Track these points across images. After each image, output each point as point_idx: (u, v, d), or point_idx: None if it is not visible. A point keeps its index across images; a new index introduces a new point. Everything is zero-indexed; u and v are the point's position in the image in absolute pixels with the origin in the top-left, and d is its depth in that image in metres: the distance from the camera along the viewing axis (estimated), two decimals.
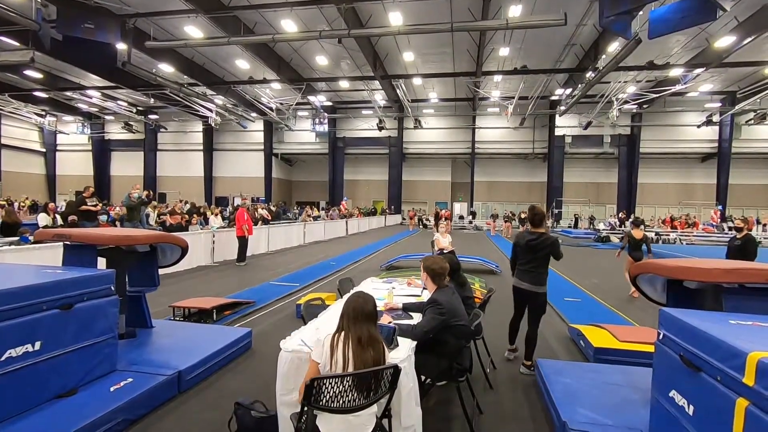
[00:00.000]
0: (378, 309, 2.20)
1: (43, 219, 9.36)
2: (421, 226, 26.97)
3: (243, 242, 10.05)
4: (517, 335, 4.13)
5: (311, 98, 26.37)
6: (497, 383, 3.60)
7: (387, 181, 31.77)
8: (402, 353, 2.25)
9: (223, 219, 13.38)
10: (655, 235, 19.51)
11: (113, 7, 15.10)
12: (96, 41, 15.05)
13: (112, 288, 3.14)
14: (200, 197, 28.96)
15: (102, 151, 33.48)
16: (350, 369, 1.85)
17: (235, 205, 11.07)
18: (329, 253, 12.44)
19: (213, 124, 27.35)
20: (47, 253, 5.75)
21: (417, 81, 23.77)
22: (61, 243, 3.75)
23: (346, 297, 3.68)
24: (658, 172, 29.03)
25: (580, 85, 20.45)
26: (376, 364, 1.88)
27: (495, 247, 14.83)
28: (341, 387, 1.77)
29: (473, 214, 29.49)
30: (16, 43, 16.36)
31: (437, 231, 8.78)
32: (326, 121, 29.48)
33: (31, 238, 7.14)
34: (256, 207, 15.84)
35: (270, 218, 15.89)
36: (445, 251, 8.38)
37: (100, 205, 9.70)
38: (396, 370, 1.89)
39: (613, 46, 16.46)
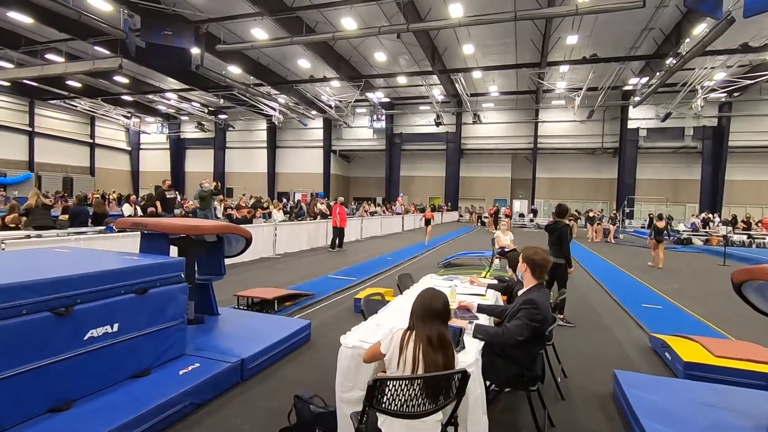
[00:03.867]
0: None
1: (127, 209, 10.25)
2: (478, 224, 26.26)
3: (339, 232, 11.78)
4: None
5: (369, 95, 26.58)
6: (569, 394, 3.31)
7: (444, 177, 31.29)
8: (470, 357, 2.09)
9: (285, 213, 13.85)
10: (748, 238, 17.42)
11: (188, 14, 16.13)
12: (173, 47, 16.20)
13: (183, 275, 3.27)
14: (263, 192, 30.32)
15: (178, 149, 36.16)
16: (420, 371, 1.72)
17: (335, 201, 12.05)
18: (386, 249, 12.43)
19: (276, 123, 28.59)
20: (129, 241, 6.22)
21: (477, 74, 23.09)
22: (139, 231, 3.99)
23: (406, 293, 3.59)
24: (750, 167, 25.90)
25: (658, 73, 18.72)
26: (447, 368, 1.73)
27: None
28: (409, 390, 1.64)
29: (534, 211, 28.21)
30: (107, 52, 18.01)
31: (494, 229, 8.43)
32: (383, 117, 29.60)
33: (115, 227, 7.77)
34: (315, 202, 16.23)
35: (329, 213, 16.21)
36: (506, 249, 8.01)
37: (178, 195, 10.50)
38: (465, 375, 1.74)
39: (700, 29, 14.84)
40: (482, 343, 2.32)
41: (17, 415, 2.21)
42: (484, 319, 2.73)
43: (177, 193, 12.81)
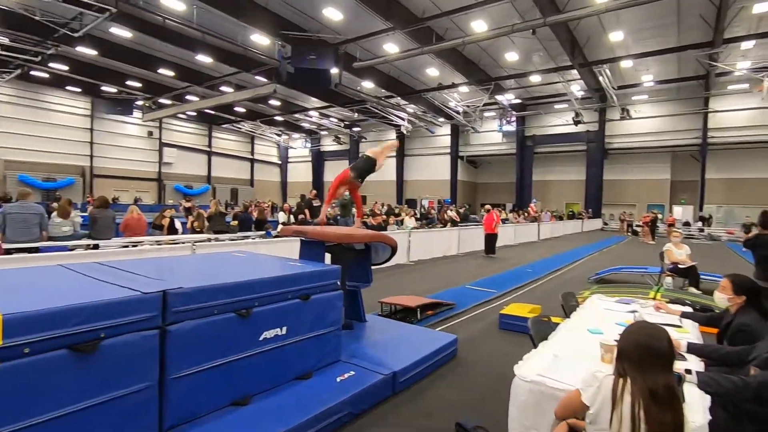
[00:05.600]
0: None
1: (282, 217, 11.52)
2: (629, 233, 22.98)
3: (492, 238, 12.10)
4: None
5: (499, 97, 25.53)
6: None
7: (584, 180, 28.28)
8: (697, 416, 1.62)
9: (416, 220, 14.00)
10: None
11: (329, 38, 17.59)
12: (317, 69, 17.89)
13: (338, 282, 3.38)
14: (392, 199, 31.41)
15: (318, 161, 39.87)
16: None
17: (486, 208, 12.32)
18: (523, 259, 11.61)
19: (405, 132, 29.44)
20: (286, 246, 6.86)
21: (626, 63, 20.32)
22: (298, 238, 4.30)
23: (574, 317, 3.14)
24: None
25: None
26: (677, 430, 1.33)
27: (752, 265, 11.21)
28: None
29: (704, 219, 23.50)
30: (264, 79, 20.74)
31: (650, 239, 7.10)
32: (514, 119, 28.11)
33: (273, 232, 8.75)
34: (445, 209, 16.09)
35: (458, 220, 15.91)
36: (681, 266, 6.69)
37: (321, 203, 11.45)
38: None
39: None
40: (707, 397, 1.80)
41: (208, 405, 2.46)
42: (694, 362, 2.17)
43: (320, 201, 13.97)
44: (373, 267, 4.53)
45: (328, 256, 4.21)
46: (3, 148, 24.65)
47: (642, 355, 1.42)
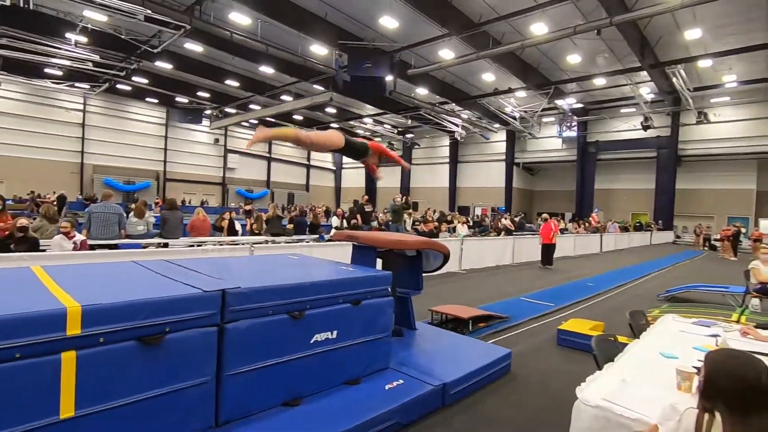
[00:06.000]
0: None
1: (335, 221, 11.76)
2: (706, 248, 20.98)
3: (549, 248, 11.58)
4: None
5: (559, 102, 24.48)
6: None
7: (653, 189, 26.28)
8: None
9: (469, 228, 13.71)
10: None
11: (385, 46, 17.82)
12: (372, 77, 18.18)
13: (389, 289, 3.35)
14: (445, 206, 31.05)
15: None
16: None
17: (543, 217, 11.99)
18: (584, 272, 10.96)
19: (459, 138, 29.07)
20: (339, 250, 6.97)
21: (705, 63, 18.68)
22: (350, 243, 4.34)
23: (645, 338, 2.87)
24: None
25: None
26: None
27: None
28: None
29: None
30: (321, 88, 21.43)
31: (732, 255, 6.38)
32: (575, 125, 26.82)
33: (326, 236, 8.95)
34: (499, 217, 15.63)
35: (513, 229, 15.38)
36: None
37: (373, 209, 11.63)
38: None
39: None
40: None
41: (261, 403, 2.53)
42: None
43: (372, 206, 14.12)
44: (424, 274, 4.47)
45: (379, 262, 4.21)
46: (92, 154, 27.59)
47: (738, 391, 1.20)
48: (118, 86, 25.00)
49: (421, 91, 23.15)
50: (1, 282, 2.33)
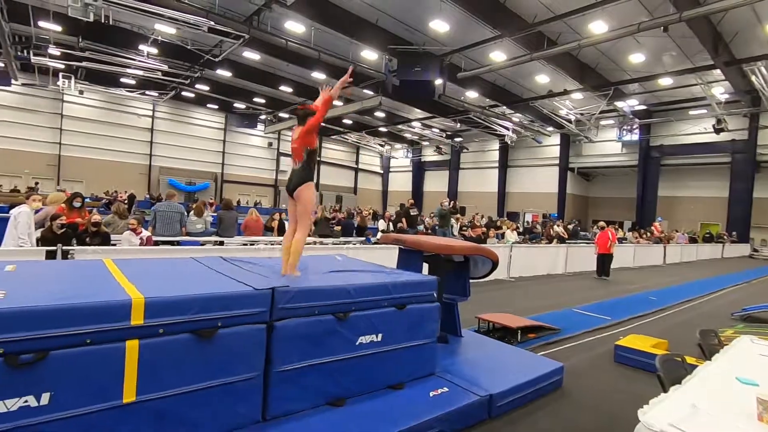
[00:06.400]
0: None
1: (381, 224, 11.82)
2: None
3: (606, 258, 10.95)
4: None
5: (619, 104, 23.14)
6: None
7: (726, 198, 24.09)
8: None
9: (519, 234, 13.27)
10: None
11: (435, 49, 17.73)
12: (421, 80, 18.15)
13: (435, 294, 3.30)
14: (493, 211, 30.31)
15: (418, 171, 40.33)
16: None
17: (600, 225, 11.48)
18: (644, 284, 10.24)
19: (509, 142, 28.28)
20: (384, 253, 6.99)
21: None
22: (397, 246, 4.33)
23: (718, 359, 2.62)
24: None
25: None
26: None
27: None
28: None
29: None
30: (371, 93, 21.71)
31: None
32: (637, 128, 25.22)
33: (372, 239, 9.01)
34: (552, 224, 15.00)
35: (566, 236, 14.69)
36: None
37: (419, 212, 11.58)
38: None
39: None
40: None
41: (306, 401, 2.57)
42: None
43: (417, 210, 14.05)
44: (471, 281, 4.36)
45: (425, 267, 4.16)
46: (159, 157, 29.81)
47: None
48: (183, 93, 26.78)
49: (471, 95, 22.78)
50: (78, 272, 2.54)
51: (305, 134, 3.12)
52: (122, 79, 22.78)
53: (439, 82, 19.36)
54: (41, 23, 15.86)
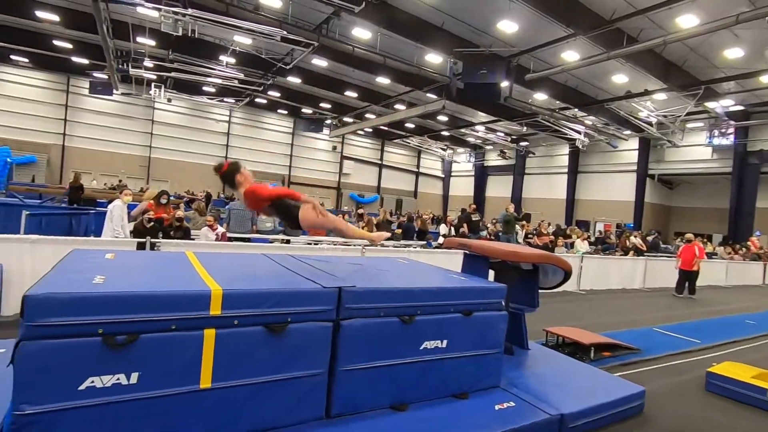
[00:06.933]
0: None
1: (443, 229, 11.67)
2: None
3: (691, 275, 9.95)
4: None
5: (710, 104, 20.91)
6: None
7: None
8: None
9: (590, 244, 12.44)
10: None
11: (502, 51, 17.24)
12: (486, 83, 17.73)
13: (503, 303, 3.16)
14: (560, 219, 28.76)
15: (481, 176, 39.39)
16: None
17: (686, 238, 10.48)
18: (739, 306, 9.12)
19: (580, 146, 26.68)
20: (444, 258, 6.88)
21: None
22: (460, 251, 4.22)
23: None
24: None
25: None
26: None
27: None
28: None
29: None
30: (434, 96, 21.61)
31: None
32: (732, 131, 22.67)
33: (434, 243, 8.90)
34: (628, 235, 13.89)
35: (644, 249, 13.54)
36: None
37: (481, 218, 11.31)
38: None
39: None
40: None
41: (370, 403, 2.55)
42: None
43: (480, 216, 13.71)
44: (540, 290, 4.12)
45: (491, 273, 4.01)
46: (234, 159, 31.93)
47: None
48: (257, 100, 28.54)
49: (540, 97, 21.84)
50: (165, 263, 2.75)
51: (250, 203, 2.75)
52: (204, 88, 24.80)
53: (505, 84, 18.78)
54: (139, 39, 17.67)
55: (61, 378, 1.73)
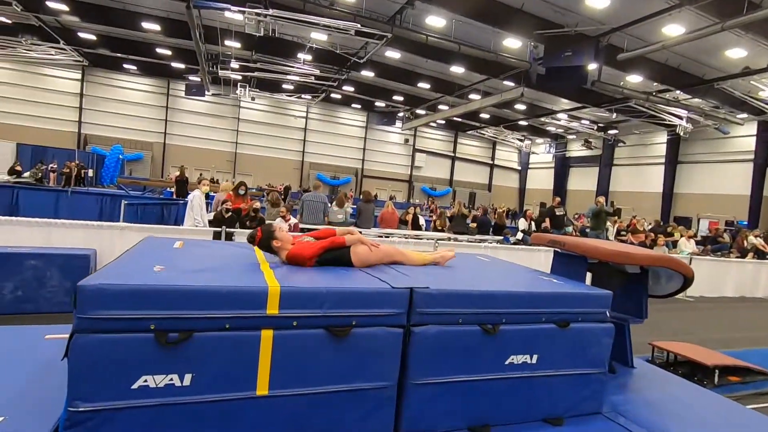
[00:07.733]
0: None
1: (522, 224, 10.84)
2: None
3: None
4: None
5: None
6: None
7: None
8: None
9: (697, 244, 10.82)
10: None
11: (590, 30, 15.67)
12: (569, 67, 16.28)
13: (607, 313, 2.62)
14: (656, 214, 25.78)
15: (562, 167, 36.72)
16: None
17: None
18: None
19: (681, 133, 23.64)
20: (525, 255, 6.27)
21: None
22: (549, 249, 3.68)
23: None
24: None
25: None
26: None
27: None
28: None
29: None
30: (512, 84, 20.40)
31: None
32: None
33: (511, 239, 8.25)
34: (746, 234, 11.91)
35: (767, 251, 11.49)
36: None
37: (565, 213, 10.38)
38: None
39: None
40: None
41: (445, 423, 2.20)
42: None
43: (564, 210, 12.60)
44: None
45: (588, 276, 3.43)
46: (310, 153, 33.39)
47: None
48: (332, 95, 29.27)
49: (633, 79, 19.64)
50: (231, 255, 2.63)
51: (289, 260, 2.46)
52: (283, 85, 26.01)
53: (592, 66, 17.12)
54: (226, 42, 18.84)
55: (115, 375, 1.62)
